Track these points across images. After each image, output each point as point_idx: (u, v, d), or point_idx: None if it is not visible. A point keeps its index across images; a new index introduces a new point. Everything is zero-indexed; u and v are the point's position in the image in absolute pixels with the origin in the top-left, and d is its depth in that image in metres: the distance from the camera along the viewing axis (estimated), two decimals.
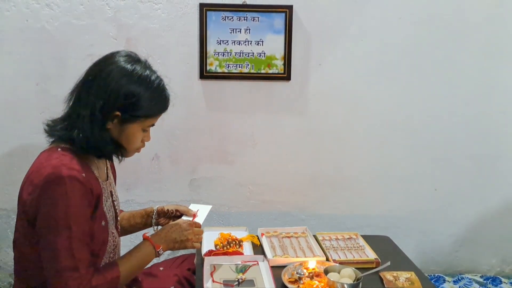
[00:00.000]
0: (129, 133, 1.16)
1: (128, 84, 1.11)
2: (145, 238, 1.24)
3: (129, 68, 1.13)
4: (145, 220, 1.44)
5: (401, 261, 1.53)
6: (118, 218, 1.30)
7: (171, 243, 1.26)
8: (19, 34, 1.79)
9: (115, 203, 1.29)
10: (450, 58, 1.94)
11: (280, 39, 1.84)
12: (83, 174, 1.09)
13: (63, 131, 1.14)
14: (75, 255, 1.05)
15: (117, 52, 1.17)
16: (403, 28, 1.90)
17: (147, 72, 1.15)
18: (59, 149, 1.12)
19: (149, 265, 1.57)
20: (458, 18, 1.91)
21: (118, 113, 1.12)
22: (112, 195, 1.27)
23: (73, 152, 1.12)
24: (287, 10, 1.82)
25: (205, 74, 1.87)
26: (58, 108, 1.28)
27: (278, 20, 1.83)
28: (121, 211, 1.44)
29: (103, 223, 1.18)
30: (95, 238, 1.14)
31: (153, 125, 1.23)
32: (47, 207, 1.06)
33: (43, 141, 1.25)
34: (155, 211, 1.44)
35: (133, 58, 1.17)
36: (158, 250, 1.23)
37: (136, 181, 1.96)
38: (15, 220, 1.17)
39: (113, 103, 1.11)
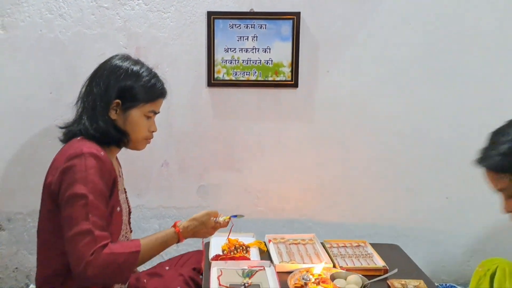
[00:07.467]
0: (133, 120, 1.28)
1: (121, 75, 1.27)
2: (177, 231, 1.28)
3: (120, 64, 1.29)
4: None
5: (410, 270, 1.50)
6: (131, 215, 1.39)
7: (191, 236, 1.34)
8: (33, 44, 1.84)
9: (128, 200, 1.38)
10: (461, 65, 1.92)
11: (288, 46, 1.86)
12: (102, 153, 1.19)
13: (75, 126, 1.28)
14: (89, 219, 1.10)
15: (113, 56, 1.34)
16: (413, 34, 1.90)
17: (137, 66, 1.31)
18: (78, 138, 1.25)
19: (154, 265, 1.59)
20: (470, 24, 1.89)
21: (118, 100, 1.26)
22: (125, 192, 1.37)
23: (90, 140, 1.24)
24: (295, 17, 1.83)
25: (212, 81, 1.89)
26: (70, 116, 1.36)
27: (286, 27, 1.84)
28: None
29: (118, 209, 1.26)
30: (111, 224, 1.20)
31: (155, 112, 1.34)
32: (67, 180, 1.14)
33: (57, 148, 1.31)
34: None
35: (125, 57, 1.33)
36: (181, 241, 1.29)
37: (146, 187, 1.98)
38: (39, 209, 1.30)
39: (110, 93, 1.25)
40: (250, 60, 1.87)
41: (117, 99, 1.26)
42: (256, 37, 1.85)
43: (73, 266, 1.09)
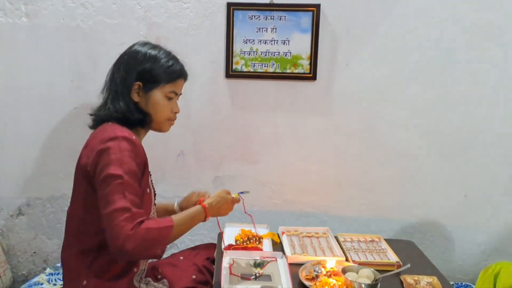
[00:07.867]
0: (154, 100, 1.32)
1: (140, 58, 1.32)
2: (203, 207, 1.33)
3: (140, 49, 1.34)
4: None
5: (424, 266, 1.49)
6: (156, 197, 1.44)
7: (216, 215, 1.38)
8: (55, 32, 1.88)
9: (153, 183, 1.42)
10: (485, 57, 1.87)
11: (307, 38, 1.84)
12: (134, 137, 1.24)
13: (101, 111, 1.33)
14: (126, 197, 1.15)
15: (134, 43, 1.38)
16: (435, 26, 1.85)
17: (156, 50, 1.35)
18: (109, 123, 1.29)
19: (168, 255, 1.61)
20: (494, 16, 1.84)
21: (139, 83, 1.31)
22: (150, 175, 1.40)
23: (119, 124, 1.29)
24: (315, 9, 1.81)
25: (231, 73, 1.89)
26: (91, 104, 1.39)
27: (305, 19, 1.83)
28: None
29: (148, 190, 1.31)
30: (143, 204, 1.23)
31: (176, 93, 1.37)
32: (103, 162, 1.18)
33: (76, 134, 1.34)
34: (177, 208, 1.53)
35: (145, 43, 1.37)
36: (207, 219, 1.33)
37: (163, 177, 2.00)
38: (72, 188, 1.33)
39: (131, 76, 1.30)
40: (268, 52, 1.86)
41: (137, 81, 1.30)
42: (275, 28, 1.84)
43: (111, 241, 1.12)
